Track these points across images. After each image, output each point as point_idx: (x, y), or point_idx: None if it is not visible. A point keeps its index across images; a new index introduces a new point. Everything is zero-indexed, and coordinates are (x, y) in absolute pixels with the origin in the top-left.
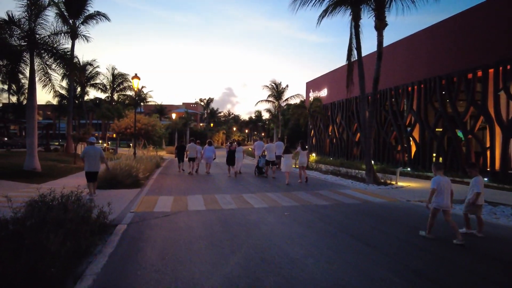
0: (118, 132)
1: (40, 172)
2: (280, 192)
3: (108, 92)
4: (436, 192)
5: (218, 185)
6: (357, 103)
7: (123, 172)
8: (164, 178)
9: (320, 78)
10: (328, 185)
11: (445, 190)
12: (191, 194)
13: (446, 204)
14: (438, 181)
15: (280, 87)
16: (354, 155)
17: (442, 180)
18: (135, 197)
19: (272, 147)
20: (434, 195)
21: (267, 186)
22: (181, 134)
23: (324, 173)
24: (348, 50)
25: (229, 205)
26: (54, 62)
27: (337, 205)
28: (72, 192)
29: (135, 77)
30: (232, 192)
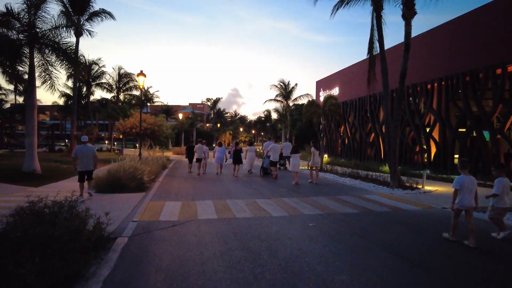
0: (123, 132)
1: (40, 174)
2: (297, 197)
3: (114, 92)
4: (459, 192)
5: (228, 188)
6: (371, 102)
7: (127, 175)
8: (171, 181)
9: (331, 77)
10: (348, 189)
11: (469, 190)
12: (200, 199)
13: (469, 204)
14: (461, 181)
15: (289, 86)
16: (368, 156)
17: (466, 179)
18: (139, 202)
19: (276, 147)
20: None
21: (281, 190)
22: (188, 134)
23: (341, 176)
24: (369, 43)
25: (244, 213)
26: (55, 58)
27: (366, 214)
28: (67, 198)
29: (140, 74)
30: (245, 197)
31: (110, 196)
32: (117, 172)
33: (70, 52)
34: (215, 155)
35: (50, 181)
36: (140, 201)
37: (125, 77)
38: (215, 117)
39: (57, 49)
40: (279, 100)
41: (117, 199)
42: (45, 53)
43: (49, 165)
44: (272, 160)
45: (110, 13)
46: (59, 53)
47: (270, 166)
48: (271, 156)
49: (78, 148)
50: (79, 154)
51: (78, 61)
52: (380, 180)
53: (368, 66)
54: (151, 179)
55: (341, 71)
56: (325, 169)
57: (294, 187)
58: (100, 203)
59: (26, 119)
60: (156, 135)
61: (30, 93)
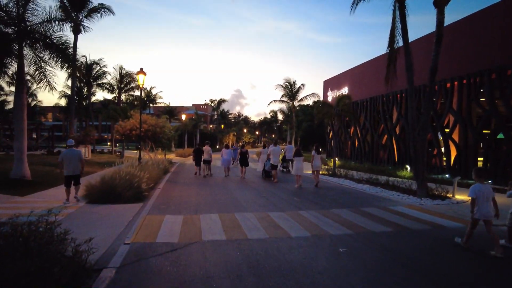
0: (123, 134)
1: (29, 181)
2: (315, 209)
3: (115, 92)
4: (476, 201)
5: (236, 196)
6: (383, 102)
7: (123, 183)
8: (173, 188)
9: (340, 76)
10: (371, 199)
11: (485, 198)
12: (204, 212)
13: (487, 213)
14: (477, 190)
15: (295, 86)
16: (381, 160)
17: (482, 188)
18: (135, 216)
19: (276, 150)
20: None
21: (295, 200)
22: (191, 136)
23: (358, 182)
24: (390, 36)
25: (257, 231)
26: (48, 54)
27: (403, 233)
28: (42, 218)
29: (140, 73)
30: (255, 209)
31: (102, 208)
32: (112, 180)
33: (64, 47)
34: (222, 158)
35: (40, 188)
36: (136, 215)
37: (126, 77)
38: (219, 118)
39: (50, 44)
40: (285, 101)
41: (110, 212)
42: (36, 49)
43: (42, 170)
44: (272, 163)
45: (109, 7)
46: (52, 48)
47: (272, 169)
48: (271, 159)
49: (64, 152)
50: (65, 158)
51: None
52: (403, 188)
53: (387, 61)
54: (150, 187)
55: (350, 70)
56: (339, 174)
57: (309, 197)
58: (89, 218)
59: (14, 119)
60: (157, 137)
61: (19, 92)
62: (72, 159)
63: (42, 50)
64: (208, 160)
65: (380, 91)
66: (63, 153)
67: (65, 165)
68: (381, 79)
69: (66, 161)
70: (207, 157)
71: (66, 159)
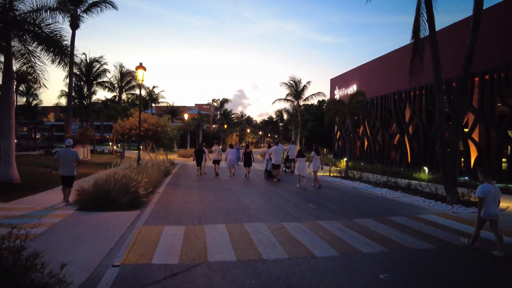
0: (122, 134)
1: (18, 184)
2: (336, 219)
3: (116, 91)
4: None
5: (243, 202)
6: (395, 100)
7: (118, 187)
8: (174, 192)
9: (347, 74)
10: (394, 206)
11: (493, 199)
12: (209, 222)
13: (494, 213)
14: (486, 190)
15: (300, 84)
16: (392, 160)
17: (490, 188)
18: (130, 227)
19: (278, 150)
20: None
21: (310, 206)
22: (194, 136)
23: (375, 185)
24: (414, 25)
25: (273, 249)
26: (39, 45)
27: (449, 251)
28: (11, 237)
29: (139, 68)
30: (267, 219)
31: (93, 217)
32: (106, 184)
33: (56, 37)
34: (228, 158)
35: (29, 192)
36: (131, 225)
37: (127, 76)
38: (221, 118)
39: (40, 34)
40: (290, 100)
41: (102, 222)
42: (26, 40)
43: (35, 172)
44: (274, 163)
45: (111, 1)
46: (41, 39)
47: (273, 168)
48: (273, 158)
49: (60, 151)
50: (60, 157)
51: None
52: (428, 192)
53: (412, 53)
54: (148, 191)
55: (359, 67)
56: (353, 176)
57: (325, 203)
58: (76, 229)
59: (1, 118)
60: (158, 136)
61: (7, 87)
62: (66, 159)
63: (32, 41)
64: (218, 159)
65: (392, 88)
66: (58, 152)
67: (60, 165)
68: (392, 76)
69: (61, 161)
70: (217, 157)
71: (61, 158)
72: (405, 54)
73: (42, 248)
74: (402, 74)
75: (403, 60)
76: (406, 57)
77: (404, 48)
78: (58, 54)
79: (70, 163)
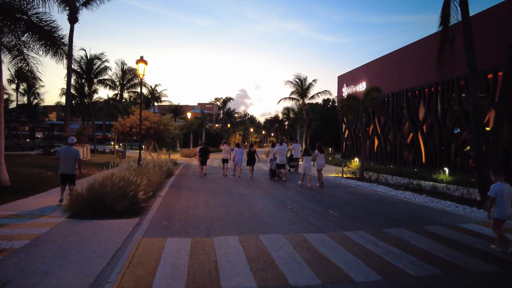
0: (122, 133)
1: (7, 187)
2: (365, 229)
3: (117, 89)
4: (496, 201)
5: (254, 207)
6: (408, 97)
7: (115, 191)
8: (177, 196)
9: (356, 71)
10: (424, 212)
11: (507, 198)
12: (219, 233)
13: (510, 213)
14: (498, 189)
15: (305, 82)
16: (405, 160)
17: (503, 188)
18: (127, 239)
19: (282, 149)
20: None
21: (331, 213)
22: (197, 135)
23: (395, 188)
24: (442, 11)
25: (299, 270)
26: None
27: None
28: None
29: (140, 61)
30: (285, 228)
31: (86, 226)
32: (102, 187)
33: (49, 28)
34: (235, 157)
35: (18, 196)
36: (129, 237)
37: (129, 73)
38: (224, 117)
39: (31, 23)
40: (295, 98)
41: (94, 232)
42: (16, 31)
43: (29, 173)
44: (279, 162)
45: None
46: (32, 29)
47: (277, 168)
48: (278, 158)
49: (60, 148)
50: (61, 155)
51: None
52: (458, 197)
53: (440, 42)
54: (149, 195)
55: (368, 63)
56: (369, 178)
57: (346, 208)
58: (64, 242)
59: None
60: (161, 135)
61: None
62: (67, 157)
63: (23, 32)
64: (227, 159)
65: (404, 85)
66: (59, 150)
67: (60, 163)
68: (405, 72)
69: (61, 159)
70: (226, 156)
71: (61, 156)
72: (420, 48)
73: (15, 269)
74: (416, 70)
75: (417, 55)
76: (421, 52)
77: (418, 43)
78: (52, 46)
79: (70, 161)
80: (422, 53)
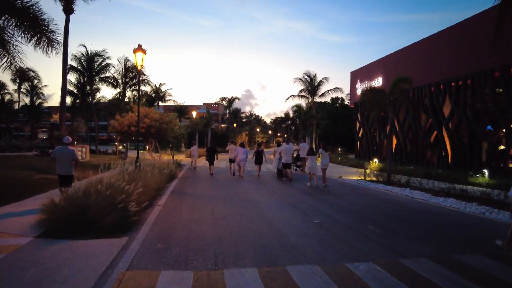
0: (121, 132)
1: None
2: (429, 257)
3: (120, 87)
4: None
5: (273, 221)
6: (431, 92)
7: (101, 201)
8: (179, 205)
9: (371, 66)
10: (490, 228)
11: None
12: (232, 263)
13: None
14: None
15: (315, 80)
16: (428, 161)
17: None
18: (103, 273)
19: (288, 149)
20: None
21: (370, 229)
22: (202, 135)
23: (434, 194)
24: None
25: None
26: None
27: None
28: None
29: (138, 50)
30: (319, 254)
31: (54, 252)
32: (85, 197)
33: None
34: (238, 157)
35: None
36: (108, 270)
37: (132, 70)
38: (230, 117)
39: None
40: (304, 96)
41: (62, 263)
42: None
43: (15, 176)
44: (284, 162)
45: None
46: (10, 10)
47: (283, 168)
48: (283, 158)
49: (56, 149)
50: (57, 155)
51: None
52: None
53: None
54: (142, 207)
55: (384, 57)
56: (399, 182)
57: (388, 223)
58: (14, 281)
59: None
60: (163, 134)
61: None
62: (63, 157)
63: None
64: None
65: (427, 79)
66: (55, 150)
67: (57, 164)
68: (427, 65)
69: (58, 159)
70: (233, 156)
71: (57, 157)
72: (446, 39)
73: None
74: (440, 63)
75: (442, 46)
76: (448, 43)
77: (443, 33)
78: (32, 29)
79: (67, 161)
80: (449, 44)
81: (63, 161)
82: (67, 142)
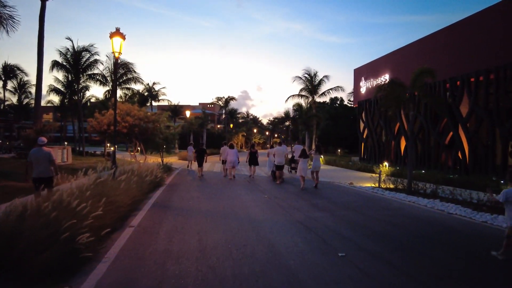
0: (100, 132)
1: None
2: None
3: (109, 85)
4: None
5: (282, 253)
6: (446, 89)
7: (39, 228)
8: (158, 225)
9: (376, 62)
10: None
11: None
12: None
13: None
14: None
15: (316, 78)
16: (442, 165)
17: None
18: None
19: (281, 150)
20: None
21: (430, 277)
22: (197, 136)
23: (474, 209)
24: None
25: None
26: None
27: None
28: None
29: (115, 34)
30: None
31: None
32: (18, 220)
33: None
34: (228, 158)
35: None
36: None
37: (122, 68)
38: (227, 117)
39: None
40: (304, 95)
41: None
42: None
43: None
44: (277, 164)
45: None
46: None
47: (276, 169)
48: (276, 159)
49: (32, 151)
50: (33, 158)
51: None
52: None
53: None
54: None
55: (391, 53)
56: (423, 192)
57: (437, 255)
58: None
59: None
60: (148, 135)
61: None
62: (40, 159)
63: None
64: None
65: (441, 75)
66: (30, 152)
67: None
68: (440, 60)
69: (34, 162)
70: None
71: (34, 159)
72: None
73: None
74: (457, 57)
75: (459, 39)
76: (465, 35)
77: (460, 24)
78: None
79: (43, 163)
80: (467, 36)
81: (39, 163)
82: (42, 144)
